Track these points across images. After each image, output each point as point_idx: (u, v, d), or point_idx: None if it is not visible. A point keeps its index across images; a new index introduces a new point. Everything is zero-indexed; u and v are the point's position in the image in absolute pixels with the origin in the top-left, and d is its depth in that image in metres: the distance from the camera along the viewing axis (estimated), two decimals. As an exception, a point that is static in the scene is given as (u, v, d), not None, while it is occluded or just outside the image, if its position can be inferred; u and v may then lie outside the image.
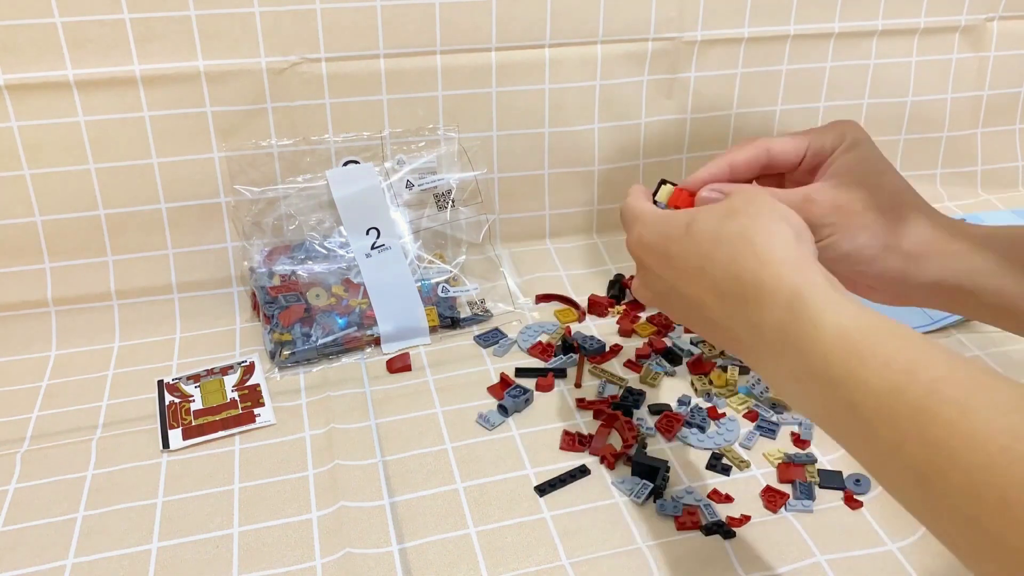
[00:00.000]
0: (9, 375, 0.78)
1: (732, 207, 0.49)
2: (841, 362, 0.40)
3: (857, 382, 0.39)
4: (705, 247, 0.48)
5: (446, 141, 0.89)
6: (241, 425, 0.71)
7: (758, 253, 0.46)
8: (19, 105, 0.78)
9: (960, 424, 0.35)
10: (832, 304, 0.42)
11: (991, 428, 0.34)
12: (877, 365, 0.39)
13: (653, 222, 0.53)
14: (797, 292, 0.43)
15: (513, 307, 0.86)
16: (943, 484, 0.35)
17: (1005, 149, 1.08)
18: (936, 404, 0.36)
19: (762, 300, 0.45)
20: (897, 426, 0.37)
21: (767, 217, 0.48)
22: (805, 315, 0.42)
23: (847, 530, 0.60)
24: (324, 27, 0.83)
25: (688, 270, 0.49)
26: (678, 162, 0.99)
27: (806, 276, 0.44)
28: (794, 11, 0.94)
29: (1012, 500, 0.32)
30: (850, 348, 0.40)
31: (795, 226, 0.48)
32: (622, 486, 0.64)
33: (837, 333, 0.41)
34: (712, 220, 0.49)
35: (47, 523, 0.62)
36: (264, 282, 0.82)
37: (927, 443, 0.36)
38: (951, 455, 0.34)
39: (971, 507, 0.34)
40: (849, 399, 0.39)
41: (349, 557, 0.58)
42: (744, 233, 0.47)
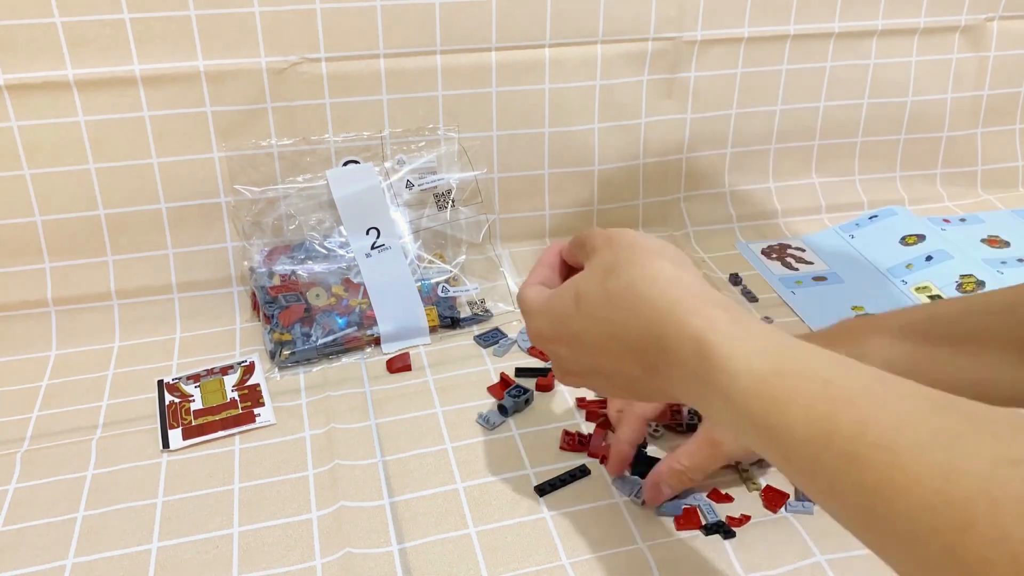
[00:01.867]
0: (9, 375, 0.78)
1: (606, 264, 0.48)
2: (763, 412, 0.38)
3: (782, 433, 0.38)
4: (601, 314, 0.47)
5: (446, 141, 0.89)
6: (241, 425, 0.71)
7: (650, 303, 0.44)
8: (19, 105, 0.78)
9: (891, 469, 0.33)
10: (739, 347, 0.40)
11: (922, 470, 0.32)
12: (798, 412, 0.37)
13: (543, 309, 0.52)
14: (702, 339, 0.41)
15: (513, 307, 0.86)
16: (886, 529, 0.34)
17: (1005, 149, 1.09)
18: (864, 449, 0.34)
19: (672, 356, 0.43)
20: (830, 475, 0.36)
21: (643, 262, 0.46)
22: (715, 364, 0.41)
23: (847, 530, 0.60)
24: (324, 27, 0.83)
25: (596, 344, 0.48)
26: (678, 162, 0.99)
27: (706, 317, 0.42)
28: (794, 11, 0.94)
29: (954, 546, 0.31)
30: (767, 396, 0.38)
31: (673, 257, 0.47)
32: (622, 486, 0.64)
33: (750, 380, 0.39)
34: (595, 285, 0.48)
35: (47, 523, 0.62)
36: (264, 282, 0.82)
37: (863, 490, 0.34)
38: (886, 502, 0.33)
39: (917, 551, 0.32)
40: (779, 450, 0.38)
41: (349, 557, 0.58)
42: (629, 286, 0.46)
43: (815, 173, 1.04)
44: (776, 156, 1.02)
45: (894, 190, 1.06)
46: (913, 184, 1.06)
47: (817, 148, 1.03)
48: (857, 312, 0.85)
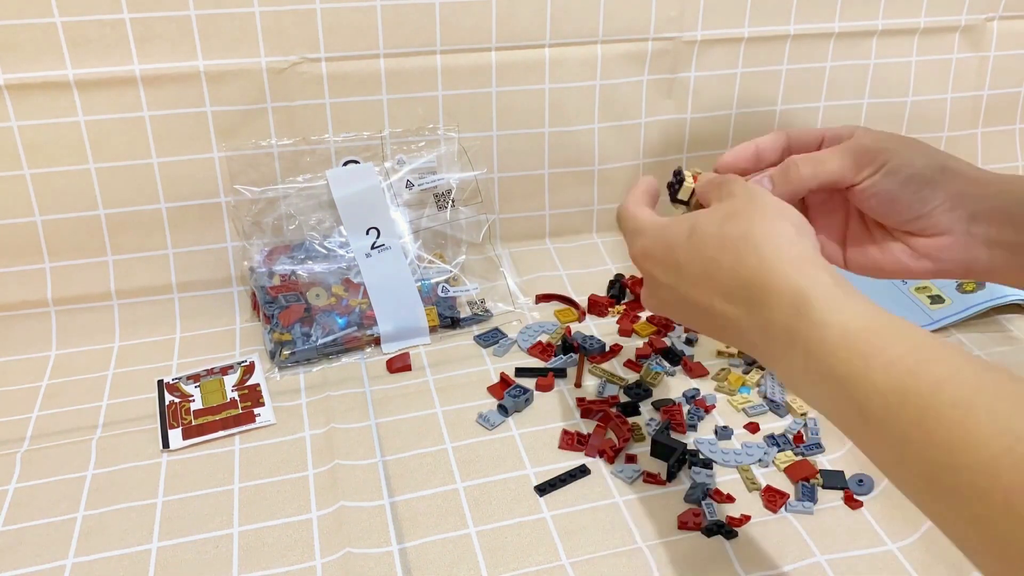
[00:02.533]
0: (9, 375, 0.78)
1: (731, 209, 0.49)
2: (846, 362, 0.40)
3: (862, 382, 0.39)
4: (709, 252, 0.48)
5: (446, 141, 0.89)
6: (241, 425, 0.71)
7: (761, 255, 0.46)
8: (19, 105, 0.78)
9: (964, 426, 0.35)
10: (837, 304, 0.42)
11: (994, 430, 0.34)
12: (881, 365, 0.39)
13: (654, 232, 0.53)
14: (802, 292, 0.43)
15: (513, 307, 0.86)
16: (948, 484, 0.35)
17: (1005, 149, 1.08)
18: (940, 405, 0.36)
19: (768, 302, 0.45)
20: (902, 427, 0.37)
21: (768, 217, 0.48)
22: (810, 316, 0.42)
23: (847, 530, 0.60)
24: (324, 27, 0.83)
25: (694, 276, 0.49)
26: (678, 162, 0.99)
27: (810, 275, 0.44)
28: (794, 11, 0.94)
29: (1015, 503, 0.32)
30: (855, 348, 0.40)
31: (796, 223, 0.48)
32: (620, 474, 0.65)
33: (842, 333, 0.41)
34: (713, 225, 0.49)
35: (47, 523, 0.62)
36: (264, 282, 0.82)
37: (932, 444, 0.36)
38: (955, 456, 0.35)
39: (976, 508, 0.34)
40: (855, 399, 0.40)
41: (349, 557, 0.58)
42: (746, 235, 0.47)
43: (815, 173, 1.04)
44: (776, 156, 1.02)
45: (894, 190, 1.05)
46: (913, 184, 1.06)
47: (817, 148, 1.03)
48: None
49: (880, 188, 0.54)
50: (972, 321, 0.82)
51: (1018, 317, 0.84)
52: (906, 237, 0.56)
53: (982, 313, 0.82)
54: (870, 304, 0.43)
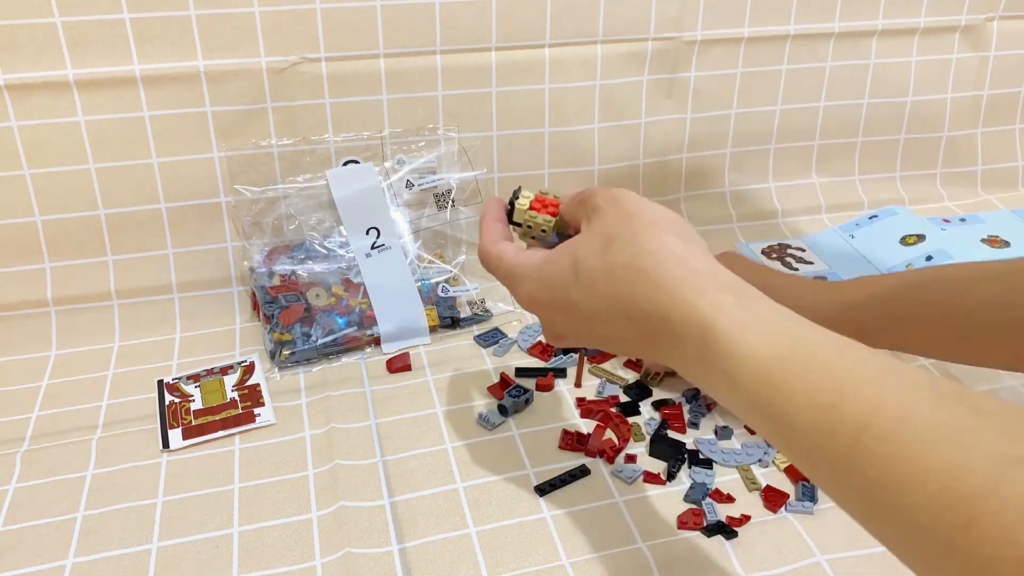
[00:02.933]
0: (9, 375, 0.78)
1: (608, 232, 0.46)
2: (767, 399, 0.38)
3: (786, 420, 0.37)
4: (601, 288, 0.46)
5: (446, 141, 0.89)
6: (241, 425, 0.71)
7: (655, 282, 0.43)
8: (19, 105, 0.78)
9: (894, 463, 0.33)
10: (744, 332, 0.40)
11: (926, 465, 0.32)
12: (802, 400, 0.37)
13: (534, 274, 0.51)
14: (706, 322, 0.41)
15: (513, 307, 0.86)
16: (889, 522, 0.34)
17: (1005, 149, 1.09)
18: (868, 441, 0.34)
19: (676, 334, 0.42)
20: (833, 464, 0.35)
21: (648, 235, 0.45)
22: (720, 349, 0.40)
23: (847, 530, 0.60)
24: (324, 27, 0.83)
25: (596, 315, 0.47)
26: (678, 162, 0.99)
27: (711, 299, 0.41)
28: (794, 11, 0.94)
29: (957, 545, 0.30)
30: (771, 383, 0.38)
31: (679, 232, 0.46)
32: (620, 474, 0.65)
33: (754, 367, 0.39)
34: (594, 256, 0.46)
35: (47, 523, 0.62)
36: (264, 282, 0.82)
37: (867, 482, 0.34)
38: (891, 495, 0.33)
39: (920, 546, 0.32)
40: (782, 435, 0.38)
41: (349, 557, 0.58)
42: (633, 263, 0.44)
43: (815, 173, 1.04)
44: (776, 156, 1.02)
45: (894, 190, 1.06)
46: (913, 184, 1.06)
47: (817, 148, 1.03)
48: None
49: None
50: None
51: (1018, 317, 0.83)
52: None
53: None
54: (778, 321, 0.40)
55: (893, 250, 0.95)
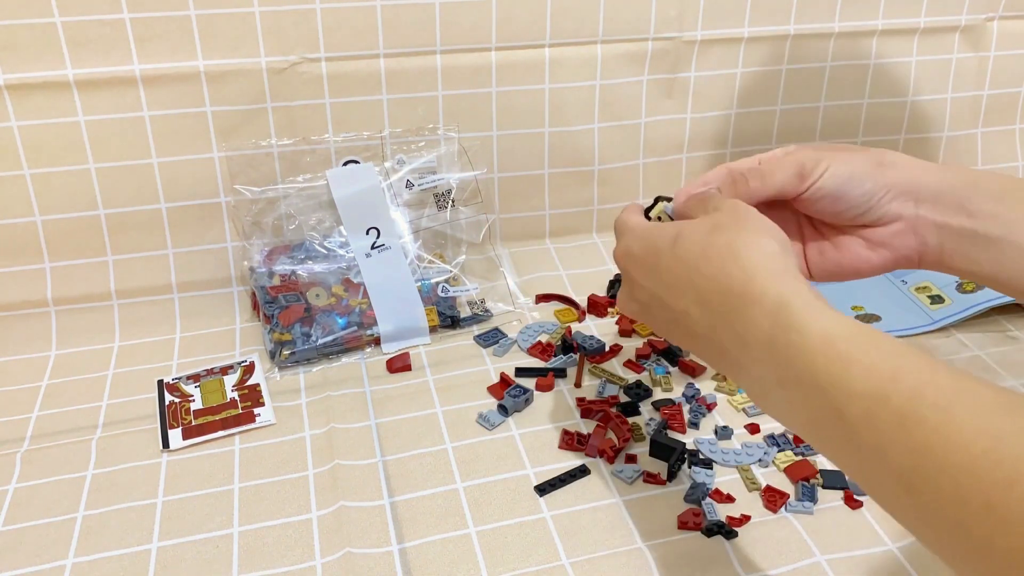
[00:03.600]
0: (9, 375, 0.78)
1: (718, 222, 0.50)
2: (826, 367, 0.40)
3: (842, 387, 0.39)
4: (692, 260, 0.49)
5: (446, 141, 0.89)
6: (241, 425, 0.71)
7: (744, 265, 0.46)
8: (19, 105, 0.78)
9: (943, 428, 0.35)
10: (817, 311, 0.43)
11: (974, 431, 0.34)
12: (861, 371, 0.39)
13: (641, 234, 0.54)
14: (782, 300, 0.44)
15: (513, 307, 0.86)
16: (928, 489, 0.35)
17: (1005, 149, 1.08)
18: (919, 408, 0.36)
19: (748, 310, 0.45)
20: (882, 431, 0.37)
21: (752, 231, 0.48)
22: (790, 322, 0.43)
23: (847, 530, 0.60)
24: (324, 27, 0.83)
25: (674, 282, 0.50)
26: (678, 162, 0.99)
27: (791, 286, 0.44)
28: (794, 11, 0.94)
29: (996, 503, 0.32)
30: (835, 354, 0.40)
31: (780, 240, 0.48)
32: (620, 474, 0.65)
33: (822, 339, 0.41)
34: (698, 234, 0.49)
35: (47, 523, 0.62)
36: (264, 282, 0.82)
37: (912, 448, 0.36)
38: (935, 459, 0.35)
39: (956, 511, 0.34)
40: (834, 405, 0.40)
41: (349, 557, 0.58)
42: (730, 246, 0.47)
43: (815, 173, 1.04)
44: (776, 156, 1.02)
45: (894, 190, 1.05)
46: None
47: (817, 148, 1.03)
48: (856, 312, 0.85)
49: (826, 191, 0.55)
50: (972, 321, 0.82)
51: (1018, 317, 0.84)
52: (859, 231, 0.57)
53: (982, 313, 0.82)
54: (848, 317, 0.43)
55: (893, 250, 0.95)
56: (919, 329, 0.82)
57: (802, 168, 0.55)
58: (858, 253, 0.58)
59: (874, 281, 0.90)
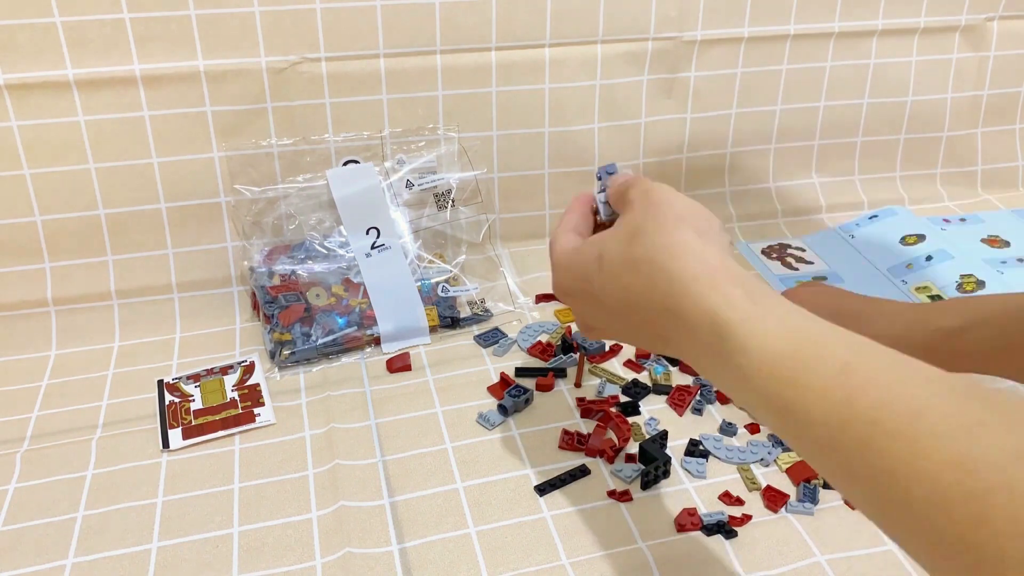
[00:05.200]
0: (9, 375, 0.78)
1: (633, 226, 0.47)
2: (777, 392, 0.38)
3: (798, 414, 0.37)
4: (622, 280, 0.47)
5: (446, 141, 0.89)
6: (241, 425, 0.71)
7: (669, 276, 0.44)
8: (19, 105, 0.78)
9: (908, 458, 0.33)
10: (756, 324, 0.40)
11: (939, 461, 0.32)
12: (814, 397, 0.37)
13: (567, 264, 0.52)
14: (718, 316, 0.41)
15: (513, 307, 0.86)
16: (900, 517, 0.34)
17: (1005, 149, 1.08)
18: (881, 437, 0.34)
19: (687, 328, 0.43)
20: (845, 459, 0.36)
21: (667, 229, 0.46)
22: (731, 342, 0.40)
23: (847, 530, 0.60)
24: (324, 27, 0.83)
25: (615, 305, 0.48)
26: (678, 162, 0.99)
27: (723, 293, 0.42)
28: (794, 11, 0.94)
29: (970, 540, 0.30)
30: (783, 377, 0.38)
31: (698, 225, 0.46)
32: (620, 473, 0.65)
33: (766, 360, 0.39)
34: (619, 247, 0.48)
35: (47, 523, 0.62)
36: (264, 282, 0.82)
37: (878, 476, 0.34)
38: (903, 490, 0.33)
39: (931, 540, 0.32)
40: (794, 429, 0.38)
41: (349, 557, 0.58)
42: (651, 257, 0.45)
43: (815, 173, 1.04)
44: (776, 156, 1.02)
45: (894, 190, 1.06)
46: (913, 184, 1.06)
47: (817, 148, 1.03)
48: (857, 312, 0.85)
49: None
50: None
51: (1018, 317, 0.83)
52: None
53: (982, 313, 0.82)
54: (790, 316, 0.41)
55: (893, 250, 0.95)
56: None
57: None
58: None
59: (874, 281, 0.90)
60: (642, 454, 0.66)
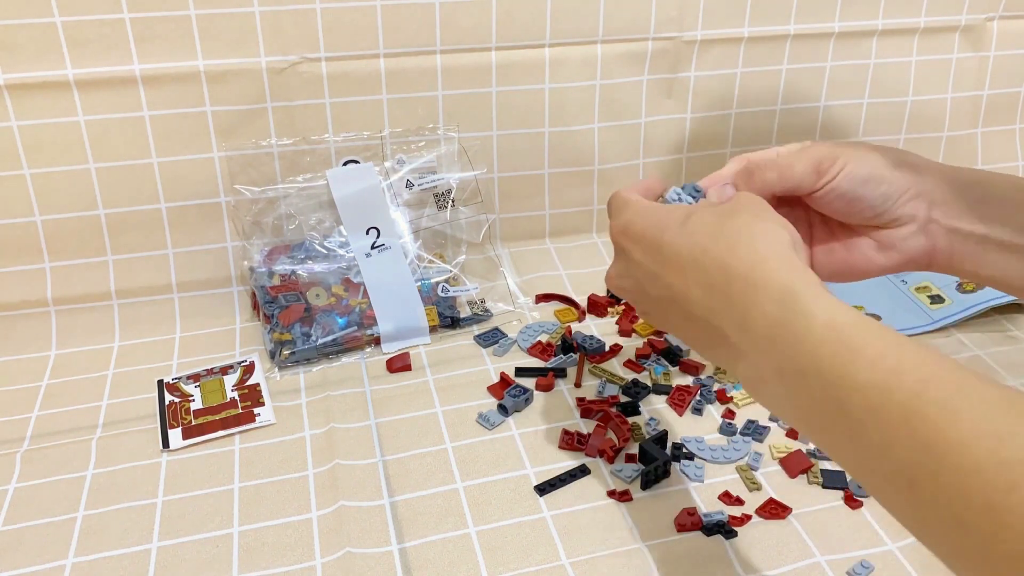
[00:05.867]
0: (9, 375, 0.78)
1: (735, 206, 0.49)
2: (830, 356, 0.40)
3: (846, 378, 0.39)
4: (701, 240, 0.48)
5: (446, 141, 0.89)
6: (241, 425, 0.71)
7: (755, 249, 0.46)
8: (19, 105, 0.78)
9: (947, 427, 0.35)
10: (823, 300, 0.42)
11: (977, 431, 0.34)
12: (866, 362, 0.38)
13: (646, 211, 0.53)
14: (789, 287, 0.43)
15: (513, 307, 0.86)
16: (930, 486, 0.35)
17: (1005, 149, 1.08)
18: (923, 405, 0.36)
19: (753, 294, 0.44)
20: (885, 426, 0.37)
21: (767, 219, 0.48)
22: (796, 309, 0.42)
23: (847, 530, 0.60)
24: (324, 27, 0.83)
25: (678, 261, 0.49)
26: (678, 162, 0.99)
27: (799, 274, 0.44)
28: (794, 11, 0.94)
29: (998, 505, 0.32)
30: (840, 342, 0.40)
31: (792, 234, 0.48)
32: (620, 473, 0.65)
33: (828, 326, 0.41)
34: (712, 216, 0.49)
35: (47, 523, 0.62)
36: (264, 282, 0.82)
37: (915, 445, 0.35)
38: (938, 457, 0.34)
39: (958, 511, 0.34)
40: (837, 396, 0.39)
41: (349, 557, 0.58)
42: (744, 230, 0.47)
43: (815, 173, 1.04)
44: (776, 156, 1.02)
45: (894, 190, 1.05)
46: (913, 184, 1.06)
47: (817, 148, 1.03)
48: (857, 312, 0.85)
49: (841, 191, 0.54)
50: (972, 321, 0.82)
51: (1018, 317, 0.84)
52: (870, 231, 0.57)
53: (982, 313, 0.82)
54: (854, 309, 0.43)
55: (893, 250, 0.95)
56: (919, 329, 0.82)
57: (819, 164, 0.55)
58: (867, 254, 0.57)
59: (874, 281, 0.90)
60: (642, 454, 0.66)
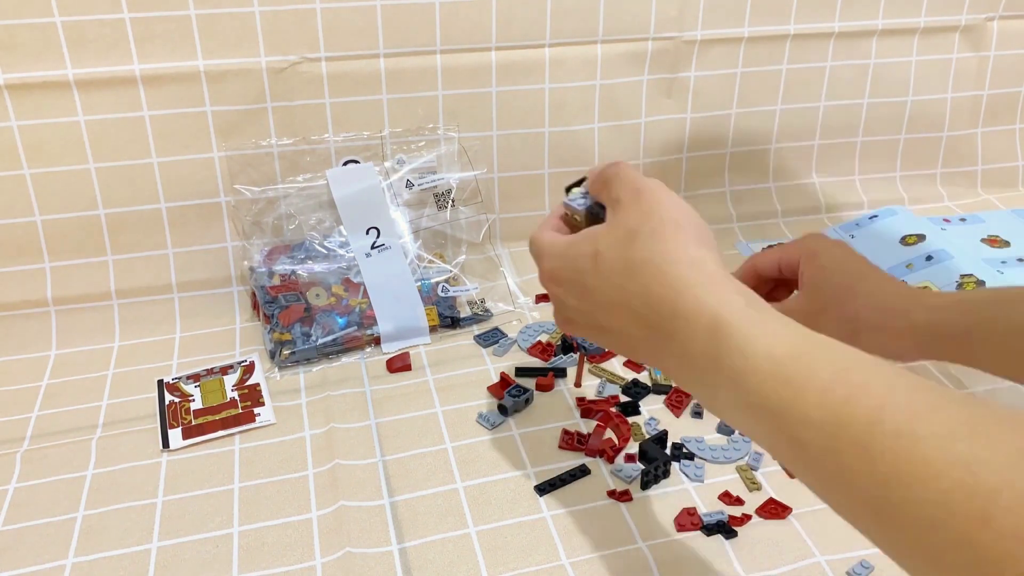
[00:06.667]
0: (9, 375, 0.78)
1: (630, 227, 0.47)
2: (776, 393, 0.38)
3: (796, 415, 0.37)
4: (616, 280, 0.47)
5: (446, 141, 0.89)
6: (241, 425, 0.71)
7: (669, 280, 0.44)
8: (19, 105, 0.78)
9: (909, 458, 0.32)
10: (756, 328, 0.40)
11: (942, 460, 0.32)
12: (814, 396, 0.36)
13: (562, 253, 0.52)
14: (717, 317, 0.41)
15: (513, 307, 0.86)
16: (899, 519, 0.33)
17: (1005, 149, 1.08)
18: (881, 435, 0.34)
19: (684, 330, 0.43)
20: (843, 461, 0.35)
21: (667, 235, 0.46)
22: (730, 343, 0.40)
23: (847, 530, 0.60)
24: (324, 27, 0.83)
25: (606, 304, 0.48)
26: (678, 162, 0.99)
27: (722, 297, 0.42)
28: (794, 11, 0.94)
29: (975, 540, 0.30)
30: (783, 377, 0.38)
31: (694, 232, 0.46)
32: (620, 473, 0.65)
33: (767, 361, 0.39)
34: (616, 248, 0.47)
35: (47, 523, 0.62)
36: (264, 282, 0.82)
37: (877, 479, 0.33)
38: (904, 491, 0.32)
39: (931, 542, 0.32)
40: (790, 432, 0.37)
41: (349, 557, 0.58)
42: (650, 259, 0.45)
43: (815, 173, 1.04)
44: (776, 156, 1.02)
45: (894, 190, 1.06)
46: (913, 184, 1.06)
47: (817, 148, 1.03)
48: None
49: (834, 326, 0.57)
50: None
51: (1018, 317, 0.83)
52: None
53: (982, 313, 0.82)
54: (787, 323, 0.41)
55: (893, 250, 0.95)
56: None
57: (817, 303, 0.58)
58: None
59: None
60: (642, 454, 0.66)
